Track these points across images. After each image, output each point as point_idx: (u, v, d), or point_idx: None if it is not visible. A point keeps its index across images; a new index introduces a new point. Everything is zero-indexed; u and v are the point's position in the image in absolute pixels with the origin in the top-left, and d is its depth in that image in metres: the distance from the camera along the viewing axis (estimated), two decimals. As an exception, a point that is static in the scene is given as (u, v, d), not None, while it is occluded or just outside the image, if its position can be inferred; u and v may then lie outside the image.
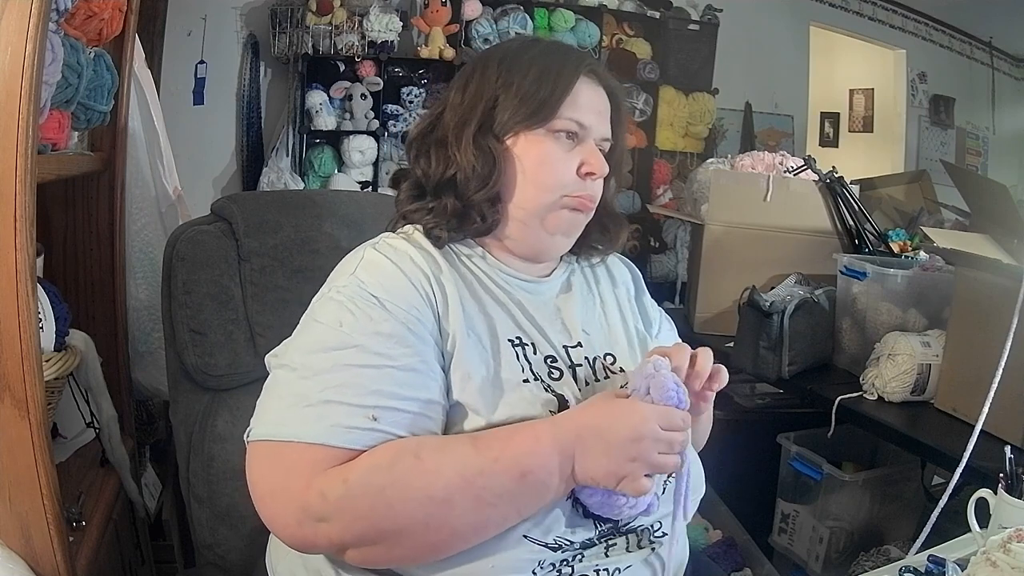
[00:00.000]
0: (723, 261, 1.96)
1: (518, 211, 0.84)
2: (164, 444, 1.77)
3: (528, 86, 0.82)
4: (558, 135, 0.82)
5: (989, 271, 1.35)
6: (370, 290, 0.74)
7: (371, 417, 0.68)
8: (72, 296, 1.37)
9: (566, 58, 0.85)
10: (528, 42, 0.90)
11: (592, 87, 0.85)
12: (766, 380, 1.70)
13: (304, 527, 0.67)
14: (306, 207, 1.17)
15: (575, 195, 0.83)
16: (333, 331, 0.72)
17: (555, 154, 0.82)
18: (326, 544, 0.69)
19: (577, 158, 0.83)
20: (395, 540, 0.67)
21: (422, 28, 2.99)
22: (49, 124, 1.10)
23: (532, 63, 0.83)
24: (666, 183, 3.47)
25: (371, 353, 0.71)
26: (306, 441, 0.67)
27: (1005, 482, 0.88)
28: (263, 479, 0.70)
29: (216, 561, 1.05)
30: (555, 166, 0.82)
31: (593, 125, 0.84)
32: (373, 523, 0.67)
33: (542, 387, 0.78)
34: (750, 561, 1.55)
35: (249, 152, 3.01)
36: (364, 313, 0.73)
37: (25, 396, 0.85)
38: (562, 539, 0.74)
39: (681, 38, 3.42)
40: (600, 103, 0.86)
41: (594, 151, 0.84)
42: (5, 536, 0.89)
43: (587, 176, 0.84)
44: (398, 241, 0.82)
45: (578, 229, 0.88)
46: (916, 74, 4.44)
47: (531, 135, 0.82)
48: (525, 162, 0.82)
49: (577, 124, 0.83)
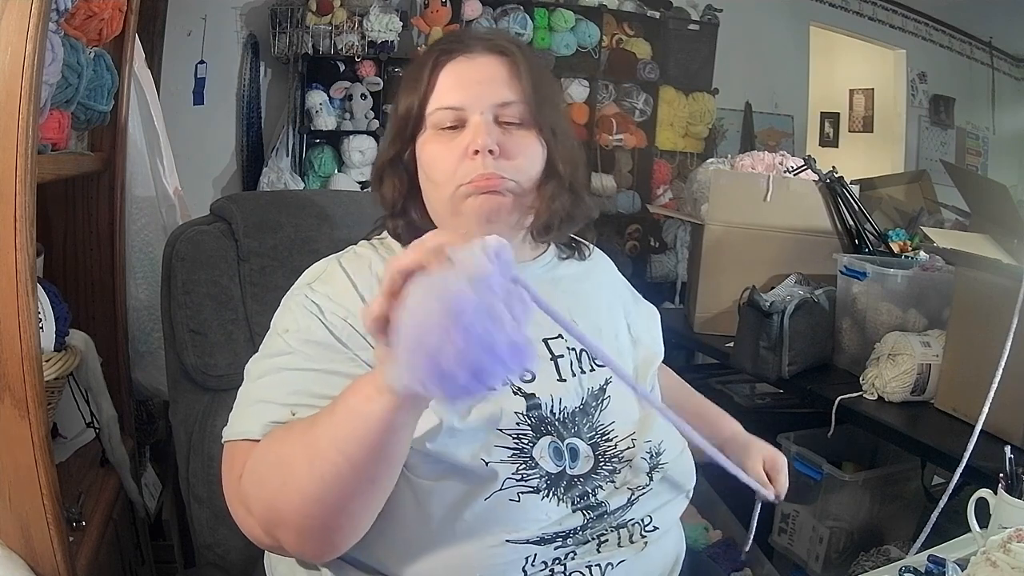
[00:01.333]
0: (723, 261, 1.96)
1: (433, 211, 0.84)
2: (164, 444, 1.77)
3: (401, 104, 0.83)
4: (437, 130, 0.81)
5: (989, 271, 1.35)
6: (315, 299, 0.78)
7: (291, 413, 0.70)
8: (72, 296, 1.37)
9: (428, 54, 0.83)
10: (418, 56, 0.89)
11: (463, 63, 0.81)
12: (766, 380, 1.70)
13: (247, 521, 0.69)
14: (306, 207, 1.17)
15: (469, 181, 0.78)
16: (279, 338, 0.77)
17: (437, 150, 0.80)
18: (263, 537, 0.68)
19: (463, 143, 0.78)
20: (276, 517, 0.66)
21: (422, 28, 2.99)
22: (49, 124, 1.10)
23: (405, 76, 0.85)
24: (666, 183, 3.47)
25: (300, 358, 0.74)
26: (242, 438, 0.71)
27: (1005, 482, 0.88)
28: (223, 479, 0.73)
29: (216, 561, 1.05)
30: (440, 159, 0.80)
31: (468, 100, 0.79)
32: (260, 500, 0.67)
33: (510, 388, 0.78)
34: (750, 561, 1.55)
35: (249, 152, 3.00)
36: (305, 322, 0.77)
37: (25, 396, 0.85)
38: (547, 532, 0.74)
39: (681, 38, 3.42)
40: (477, 72, 0.80)
41: (475, 127, 0.78)
42: (5, 536, 0.89)
43: (473, 154, 0.77)
44: (365, 250, 0.85)
45: (502, 211, 0.79)
46: (916, 74, 4.44)
47: (420, 141, 0.83)
48: (423, 165, 0.83)
49: (445, 109, 0.79)
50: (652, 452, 0.84)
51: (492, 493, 0.72)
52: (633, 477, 0.81)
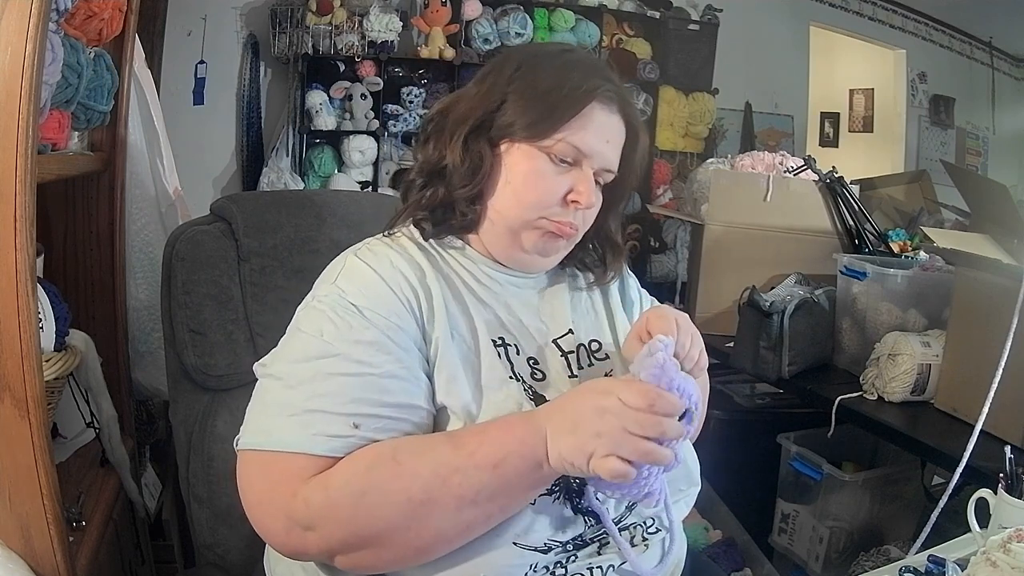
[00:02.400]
0: (723, 261, 1.96)
1: (496, 216, 0.82)
2: (164, 444, 1.77)
3: (534, 98, 0.79)
4: (553, 155, 0.79)
5: (989, 271, 1.35)
6: (350, 299, 0.74)
7: (353, 425, 0.68)
8: (72, 296, 1.37)
9: (585, 76, 0.80)
10: (557, 51, 0.86)
11: (607, 113, 0.81)
12: (766, 380, 1.70)
13: (292, 535, 0.68)
14: (306, 207, 1.17)
15: (555, 220, 0.80)
16: (315, 340, 0.73)
17: (543, 174, 0.79)
18: (315, 551, 0.70)
19: (567, 183, 0.80)
20: (379, 544, 0.67)
21: (422, 28, 2.99)
22: (49, 124, 1.10)
23: (549, 73, 0.80)
24: (666, 183, 3.47)
25: (352, 361, 0.71)
26: (290, 450, 0.68)
27: (1005, 482, 0.88)
28: (252, 488, 0.70)
29: (216, 561, 1.05)
30: (540, 186, 0.79)
31: (595, 153, 0.80)
32: (355, 529, 0.67)
33: (522, 388, 0.78)
34: (750, 561, 1.55)
35: (249, 152, 3.01)
36: (345, 322, 0.73)
37: (25, 396, 0.85)
38: (552, 540, 0.74)
39: (681, 38, 3.42)
40: (611, 130, 0.82)
41: (587, 179, 0.80)
42: (5, 536, 0.89)
43: (572, 204, 0.80)
44: (380, 246, 0.82)
45: (556, 252, 0.85)
46: (916, 74, 4.43)
47: (525, 147, 0.80)
48: (512, 173, 0.80)
49: (575, 149, 0.79)
50: None
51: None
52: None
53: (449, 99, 0.86)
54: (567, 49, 0.87)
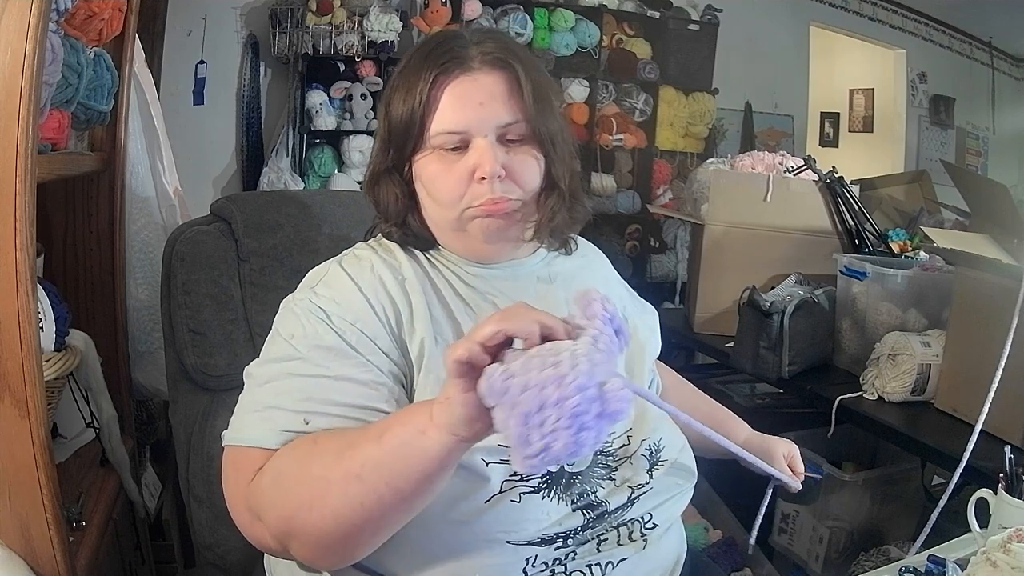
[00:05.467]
0: (723, 261, 1.96)
1: (434, 225, 0.84)
2: (164, 444, 1.77)
3: (395, 116, 0.79)
4: (440, 151, 0.78)
5: (989, 271, 1.35)
6: (320, 304, 0.76)
7: (304, 421, 0.70)
8: (72, 296, 1.37)
9: (423, 62, 0.78)
10: (407, 56, 0.83)
11: (466, 80, 0.77)
12: (766, 380, 1.70)
13: (254, 527, 0.69)
14: (306, 207, 1.17)
15: (477, 204, 0.78)
16: (285, 343, 0.75)
17: (441, 171, 0.79)
18: (271, 543, 0.69)
19: (469, 164, 0.77)
20: (298, 530, 0.66)
21: (422, 28, 2.99)
22: (49, 124, 1.10)
23: (399, 81, 0.80)
24: (666, 183, 3.47)
25: (311, 364, 0.73)
26: (251, 445, 0.70)
27: (1005, 482, 0.88)
28: (226, 483, 0.73)
29: (216, 561, 1.05)
30: (445, 183, 0.79)
31: (471, 123, 0.77)
32: (279, 511, 0.67)
33: None
34: (750, 561, 1.55)
35: (249, 152, 3.00)
36: (312, 327, 0.75)
37: (25, 396, 0.85)
38: (547, 533, 0.74)
39: (681, 38, 3.42)
40: (481, 91, 0.77)
41: (479, 150, 0.77)
42: (5, 536, 0.89)
43: (481, 180, 0.77)
44: (366, 251, 0.84)
45: (509, 230, 0.81)
46: (916, 74, 4.44)
47: (419, 158, 0.80)
48: (424, 183, 0.81)
49: (451, 135, 0.77)
50: (652, 449, 0.84)
51: (492, 495, 0.72)
52: (633, 475, 0.81)
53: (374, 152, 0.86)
54: (416, 47, 0.83)
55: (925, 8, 4.33)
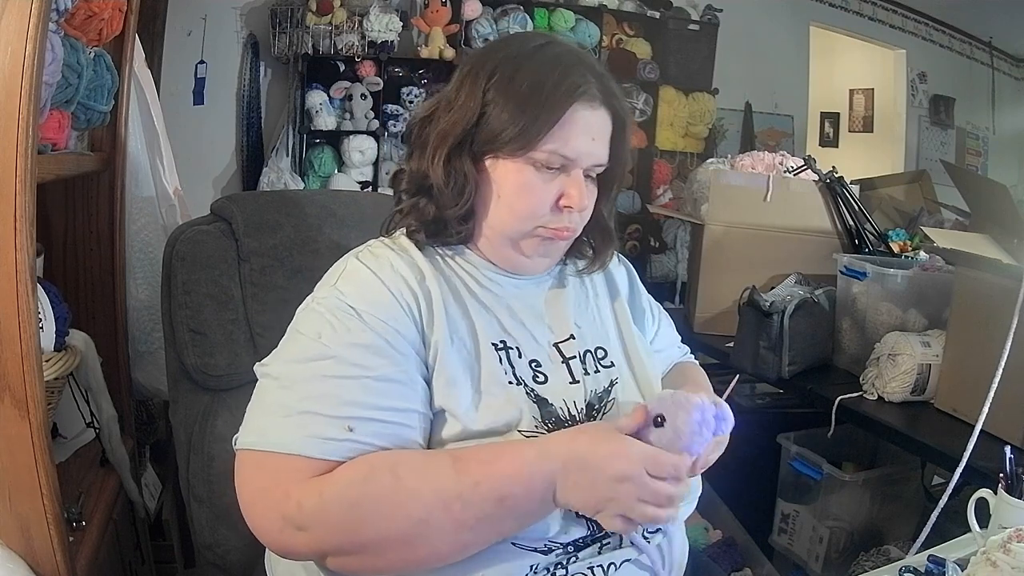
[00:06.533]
0: (723, 261, 1.96)
1: (491, 231, 0.82)
2: (164, 444, 1.77)
3: (513, 110, 0.76)
4: (540, 164, 0.78)
5: (989, 271, 1.35)
6: (349, 301, 0.75)
7: (347, 428, 0.68)
8: (72, 296, 1.37)
9: (562, 79, 0.77)
10: (528, 50, 0.80)
11: (589, 111, 0.78)
12: (766, 380, 1.70)
13: (285, 534, 0.68)
14: (306, 207, 1.17)
15: (551, 227, 0.80)
16: (313, 342, 0.73)
17: (533, 185, 0.78)
18: (306, 552, 0.70)
19: (557, 188, 0.79)
20: (372, 553, 0.67)
21: (422, 28, 2.99)
22: (49, 124, 1.10)
23: (524, 80, 0.77)
24: (666, 183, 3.47)
25: (348, 364, 0.71)
26: (284, 451, 0.68)
27: (1005, 482, 0.88)
28: (247, 487, 0.71)
29: (216, 561, 1.05)
30: (531, 197, 0.79)
31: (581, 155, 0.78)
32: (348, 536, 0.67)
33: (525, 391, 0.78)
34: (750, 561, 1.55)
35: (249, 152, 3.00)
36: (343, 325, 0.73)
37: (25, 396, 0.85)
38: (553, 542, 0.74)
39: (681, 38, 3.42)
40: (596, 127, 0.80)
41: (577, 183, 0.79)
42: (5, 536, 0.89)
43: (565, 209, 0.80)
44: (381, 248, 0.81)
45: (556, 252, 0.86)
46: (916, 74, 4.43)
47: (510, 161, 0.78)
48: (501, 187, 0.79)
49: (561, 157, 0.78)
50: None
51: None
52: None
53: (429, 105, 0.84)
54: (543, 44, 0.82)
55: (925, 8, 4.33)
